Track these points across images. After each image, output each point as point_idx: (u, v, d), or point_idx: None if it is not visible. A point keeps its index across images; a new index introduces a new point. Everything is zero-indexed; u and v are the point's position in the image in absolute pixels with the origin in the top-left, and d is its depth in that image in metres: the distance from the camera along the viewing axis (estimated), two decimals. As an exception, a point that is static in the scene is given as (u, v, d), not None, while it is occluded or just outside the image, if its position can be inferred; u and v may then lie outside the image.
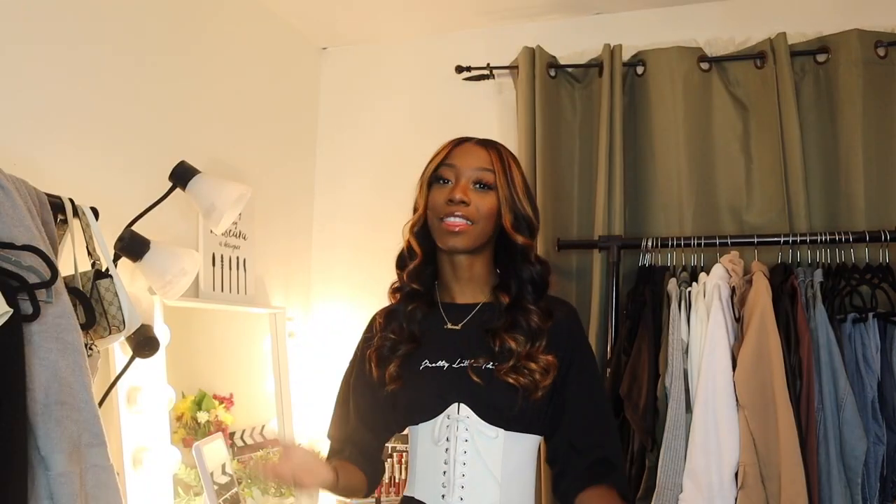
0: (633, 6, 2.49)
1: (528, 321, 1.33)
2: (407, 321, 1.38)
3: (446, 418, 1.30)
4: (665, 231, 2.31)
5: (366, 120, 2.81)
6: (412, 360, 1.35)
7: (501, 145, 1.41)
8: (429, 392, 1.32)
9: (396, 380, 1.34)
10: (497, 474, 1.27)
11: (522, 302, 1.35)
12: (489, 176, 1.34)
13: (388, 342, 1.38)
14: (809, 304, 1.93)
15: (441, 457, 1.29)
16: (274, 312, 2.47)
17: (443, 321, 1.39)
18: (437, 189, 1.36)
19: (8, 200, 1.25)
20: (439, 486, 1.29)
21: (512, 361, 1.29)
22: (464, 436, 1.28)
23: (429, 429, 1.32)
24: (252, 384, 2.38)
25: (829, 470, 1.84)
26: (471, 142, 1.40)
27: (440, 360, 1.33)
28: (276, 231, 2.59)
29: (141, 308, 1.74)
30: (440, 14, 2.58)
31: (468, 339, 1.35)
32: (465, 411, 1.29)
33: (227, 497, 1.90)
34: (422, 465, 1.33)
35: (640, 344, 2.05)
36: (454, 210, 1.32)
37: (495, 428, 1.28)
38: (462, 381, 1.30)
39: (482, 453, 1.28)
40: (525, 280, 1.36)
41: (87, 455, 1.26)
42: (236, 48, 2.39)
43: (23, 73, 1.63)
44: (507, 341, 1.30)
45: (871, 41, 2.17)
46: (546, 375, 1.29)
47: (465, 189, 1.33)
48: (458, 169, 1.35)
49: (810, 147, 2.23)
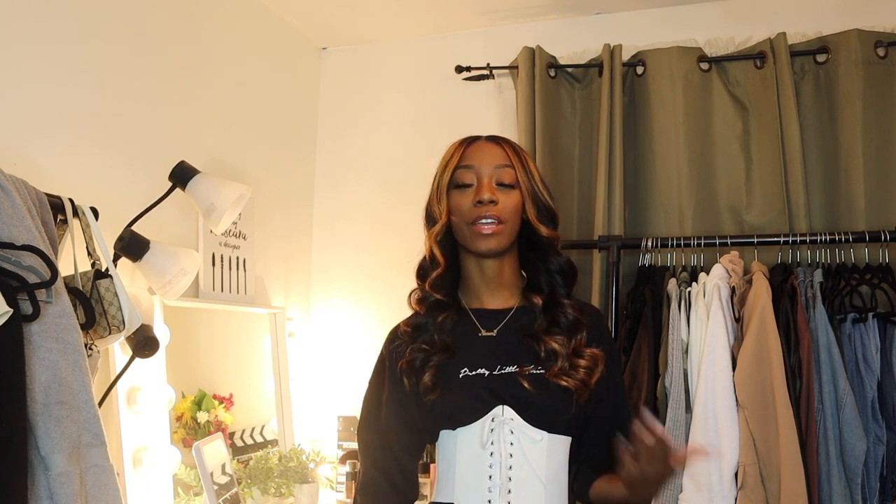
0: (633, 6, 2.49)
1: (565, 315, 1.31)
2: (438, 332, 1.34)
3: (491, 421, 1.27)
4: (665, 231, 2.31)
5: (366, 120, 2.81)
6: (448, 369, 1.31)
7: (509, 139, 1.39)
8: (472, 397, 1.28)
9: (433, 390, 1.29)
10: (542, 477, 1.26)
11: (556, 297, 1.33)
12: (510, 172, 1.31)
13: (421, 353, 1.32)
14: (809, 304, 1.93)
15: (486, 460, 1.26)
16: (274, 312, 2.47)
17: (476, 328, 1.35)
18: (459, 194, 1.32)
19: (8, 200, 1.25)
20: (484, 490, 1.26)
21: (560, 363, 1.27)
22: (509, 439, 1.26)
23: (472, 432, 1.28)
24: (252, 384, 2.38)
25: (828, 470, 1.84)
26: (480, 140, 1.37)
27: (480, 368, 1.29)
28: (276, 231, 2.59)
29: (141, 308, 1.74)
30: (440, 14, 2.58)
31: (507, 346, 1.32)
32: (510, 413, 1.27)
33: (227, 497, 1.90)
34: (462, 470, 1.29)
35: (639, 344, 2.05)
36: (484, 212, 1.28)
37: (540, 431, 1.26)
38: (509, 388, 1.27)
39: (528, 456, 1.26)
40: (554, 271, 1.34)
41: (86, 455, 1.26)
42: (236, 48, 2.39)
43: (23, 72, 1.63)
44: (550, 343, 1.28)
45: (871, 41, 2.17)
46: (593, 372, 1.27)
47: (491, 188, 1.30)
48: (478, 169, 1.31)
49: (810, 147, 2.23)
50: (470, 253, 1.34)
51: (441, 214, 1.33)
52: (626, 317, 2.15)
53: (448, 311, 1.35)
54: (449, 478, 1.30)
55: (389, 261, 2.62)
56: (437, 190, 1.35)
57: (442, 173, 1.35)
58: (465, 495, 1.27)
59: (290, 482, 2.14)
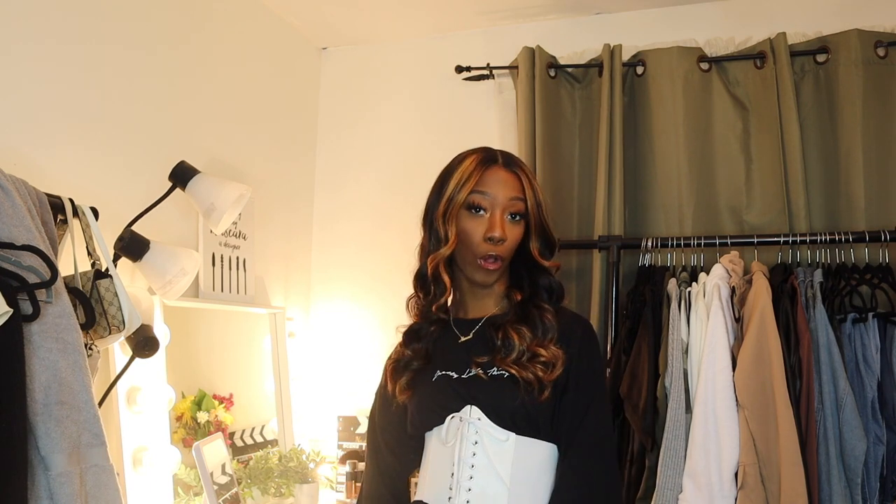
0: (633, 6, 2.49)
1: (541, 316, 1.32)
2: (425, 340, 1.40)
3: (457, 420, 1.29)
4: (665, 231, 2.31)
5: (366, 120, 2.81)
6: (425, 373, 1.37)
7: (521, 162, 1.39)
8: (440, 396, 1.33)
9: (406, 390, 1.37)
10: (506, 479, 1.25)
11: (536, 300, 1.35)
12: (521, 206, 1.34)
13: (405, 358, 1.40)
14: (809, 304, 1.93)
15: (449, 458, 1.28)
16: (274, 312, 2.47)
17: (456, 336, 1.39)
18: (470, 218, 1.33)
19: (8, 200, 1.25)
20: (446, 487, 1.28)
21: (514, 354, 1.28)
22: (473, 437, 1.27)
23: (439, 431, 1.32)
24: (252, 384, 2.38)
25: (828, 470, 1.84)
26: (497, 164, 1.36)
27: (450, 371, 1.34)
28: (276, 231, 2.59)
29: (141, 308, 1.74)
30: (440, 14, 2.58)
31: (476, 347, 1.35)
32: (476, 413, 1.29)
33: (227, 497, 1.90)
34: (431, 468, 1.33)
35: (639, 344, 2.05)
36: (492, 251, 1.32)
37: (506, 431, 1.27)
38: (472, 384, 1.31)
39: (491, 456, 1.26)
40: (542, 287, 1.37)
41: (86, 455, 1.26)
42: (236, 48, 2.39)
43: (23, 72, 1.63)
44: (511, 334, 1.29)
45: (871, 41, 2.17)
46: (550, 370, 1.26)
47: (503, 224, 1.32)
48: (493, 199, 1.33)
49: (810, 147, 2.23)
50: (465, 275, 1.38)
51: (450, 237, 1.33)
52: (626, 317, 2.15)
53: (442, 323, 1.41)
54: (423, 475, 1.36)
55: (390, 261, 2.62)
56: (448, 208, 1.34)
57: (456, 189, 1.33)
58: (431, 494, 1.31)
59: (290, 482, 2.14)
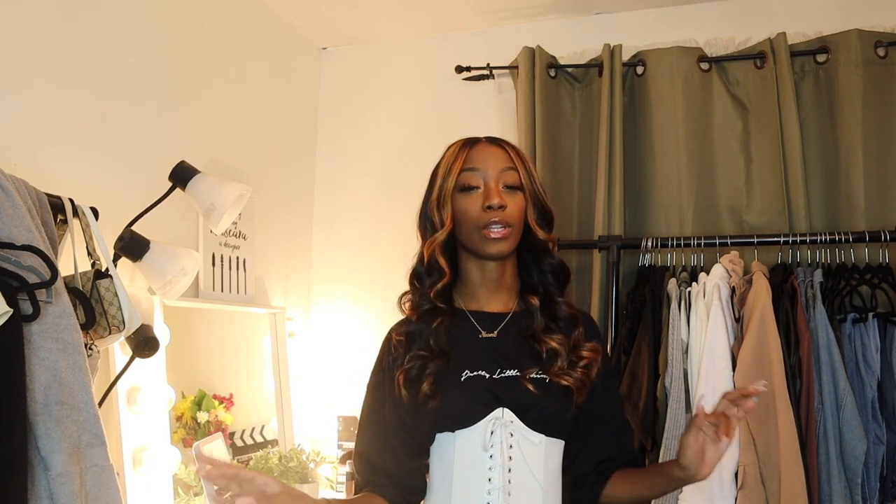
0: (633, 6, 2.49)
1: (560, 312, 1.32)
2: (435, 338, 1.32)
3: (492, 423, 1.26)
4: (665, 231, 2.31)
5: (366, 120, 2.81)
6: (448, 373, 1.29)
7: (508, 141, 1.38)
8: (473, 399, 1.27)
9: (433, 397, 1.27)
10: (540, 480, 1.26)
11: (550, 296, 1.34)
12: (514, 174, 1.31)
13: (419, 361, 1.30)
14: (809, 304, 1.93)
15: (486, 462, 1.25)
16: (274, 312, 2.47)
17: (476, 330, 1.34)
18: (465, 197, 1.31)
19: (8, 200, 1.25)
20: (484, 492, 1.25)
21: (560, 362, 1.27)
22: (509, 441, 1.26)
23: (472, 435, 1.27)
24: (252, 384, 2.38)
25: (828, 470, 1.84)
26: (481, 142, 1.35)
27: (480, 370, 1.29)
28: (276, 231, 2.59)
29: (141, 308, 1.74)
30: (440, 14, 2.58)
31: (507, 348, 1.32)
32: (510, 416, 1.26)
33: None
34: (461, 472, 1.27)
35: (639, 344, 2.05)
36: (494, 217, 1.28)
37: (538, 434, 1.27)
38: (511, 391, 1.27)
39: (527, 459, 1.25)
40: (546, 271, 1.35)
41: (86, 455, 1.26)
42: (236, 48, 2.39)
43: (23, 73, 1.63)
44: (550, 343, 1.29)
45: (871, 41, 2.17)
46: (592, 367, 1.29)
47: (499, 192, 1.29)
48: (484, 172, 1.30)
49: (810, 147, 2.23)
50: (473, 256, 1.33)
51: (445, 220, 1.31)
52: (626, 317, 2.15)
53: (442, 315, 1.33)
54: (445, 481, 1.28)
55: (389, 261, 2.62)
56: (440, 195, 1.32)
57: (445, 177, 1.32)
58: (464, 498, 1.26)
59: (290, 482, 2.14)
